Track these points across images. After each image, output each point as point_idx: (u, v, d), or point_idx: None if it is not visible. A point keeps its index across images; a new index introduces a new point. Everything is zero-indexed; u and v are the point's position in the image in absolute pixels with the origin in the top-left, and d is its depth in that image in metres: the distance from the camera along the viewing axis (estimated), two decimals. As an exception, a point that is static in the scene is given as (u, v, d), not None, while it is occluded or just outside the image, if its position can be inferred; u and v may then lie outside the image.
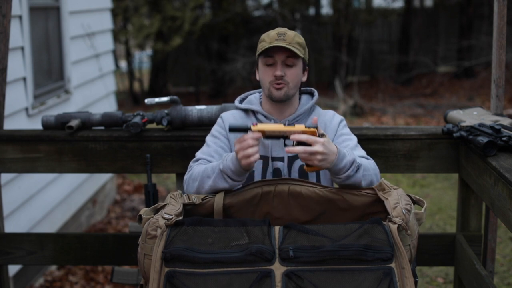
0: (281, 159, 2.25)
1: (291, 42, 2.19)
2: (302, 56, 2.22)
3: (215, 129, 2.37)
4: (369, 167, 2.16)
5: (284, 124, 2.21)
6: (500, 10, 2.59)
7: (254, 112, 2.34)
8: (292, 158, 2.26)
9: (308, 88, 2.42)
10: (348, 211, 2.11)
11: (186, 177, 2.24)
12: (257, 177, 2.26)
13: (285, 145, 2.08)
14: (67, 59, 5.01)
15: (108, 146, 2.80)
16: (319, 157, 2.00)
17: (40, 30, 4.61)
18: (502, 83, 2.65)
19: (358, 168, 2.09)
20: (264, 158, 2.26)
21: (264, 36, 2.25)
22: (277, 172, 2.26)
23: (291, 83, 2.23)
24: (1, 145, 2.82)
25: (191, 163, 2.28)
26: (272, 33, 2.23)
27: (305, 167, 2.09)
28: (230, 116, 2.37)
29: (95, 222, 5.42)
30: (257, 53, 2.27)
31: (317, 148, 1.99)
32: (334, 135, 2.29)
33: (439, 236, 2.94)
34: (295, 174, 2.25)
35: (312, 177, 2.25)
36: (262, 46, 2.22)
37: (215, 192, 2.15)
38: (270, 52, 2.20)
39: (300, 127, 2.05)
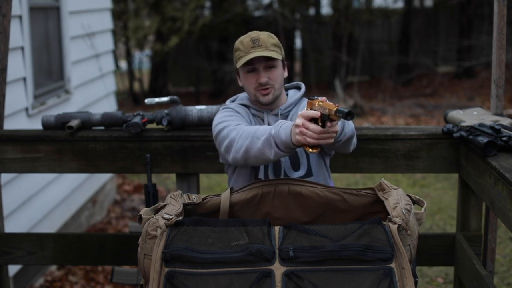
0: None
1: (267, 46, 2.20)
2: (280, 58, 2.23)
3: (223, 113, 2.30)
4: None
5: (277, 114, 2.27)
6: (500, 10, 2.59)
7: (247, 106, 2.37)
8: None
9: (294, 82, 2.46)
10: (348, 211, 2.11)
11: (232, 135, 2.13)
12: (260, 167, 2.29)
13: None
14: (67, 59, 5.01)
15: (108, 146, 2.80)
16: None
17: (40, 30, 4.61)
18: (502, 83, 2.65)
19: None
20: None
21: (238, 44, 2.25)
22: (276, 163, 2.28)
23: (276, 84, 2.26)
24: (1, 145, 2.82)
25: (218, 128, 2.21)
26: (245, 39, 2.23)
27: (310, 149, 1.96)
28: (232, 104, 2.39)
29: (95, 222, 5.42)
30: (235, 64, 2.27)
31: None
32: None
33: (439, 236, 2.94)
34: (286, 157, 2.28)
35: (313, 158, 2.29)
36: (239, 55, 2.23)
37: (260, 160, 2.07)
38: (249, 61, 2.21)
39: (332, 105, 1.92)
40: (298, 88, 2.45)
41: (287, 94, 2.40)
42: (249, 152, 2.07)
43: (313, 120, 1.91)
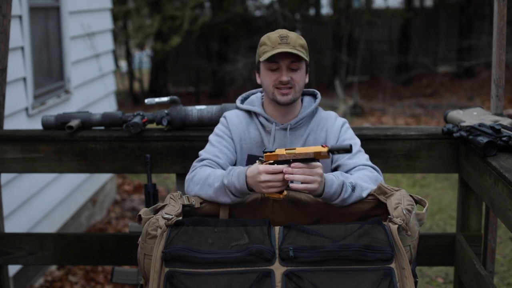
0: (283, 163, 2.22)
1: (294, 45, 2.13)
2: (306, 59, 2.17)
3: (219, 128, 2.32)
4: (368, 180, 2.10)
5: (286, 129, 2.20)
6: (500, 10, 2.59)
7: (256, 114, 2.30)
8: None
9: (310, 89, 2.37)
10: (349, 217, 2.09)
11: (188, 176, 2.20)
12: None
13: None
14: (67, 59, 5.00)
15: (108, 146, 2.80)
16: (318, 178, 1.95)
17: (40, 30, 4.61)
18: (502, 83, 2.65)
19: (354, 189, 2.03)
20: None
21: (265, 39, 2.18)
22: None
23: (297, 86, 2.18)
24: (1, 145, 2.82)
25: (194, 163, 2.24)
26: (274, 36, 2.16)
27: (280, 196, 2.00)
28: (234, 116, 2.33)
29: (95, 222, 5.42)
30: (259, 58, 2.19)
31: (318, 171, 1.94)
32: (336, 141, 2.25)
33: (439, 236, 2.94)
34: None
35: None
36: (264, 50, 2.16)
37: (215, 202, 2.12)
38: (274, 57, 2.14)
39: (311, 148, 1.94)
40: (314, 95, 2.36)
41: (301, 100, 2.32)
42: (201, 195, 2.14)
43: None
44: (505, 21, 2.60)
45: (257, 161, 2.03)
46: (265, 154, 2.01)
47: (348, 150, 1.91)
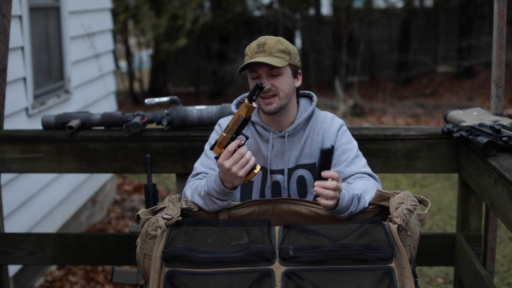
0: (281, 171, 2.18)
1: (271, 52, 2.07)
2: (283, 65, 2.07)
3: (213, 137, 2.26)
4: (369, 189, 2.08)
5: (284, 137, 2.17)
6: (500, 10, 2.59)
7: (252, 122, 2.23)
8: (291, 170, 2.19)
9: (306, 91, 2.30)
10: None
11: (182, 193, 2.19)
12: (255, 190, 2.20)
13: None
14: (67, 59, 5.01)
15: (108, 146, 2.80)
16: (338, 195, 1.93)
17: (40, 30, 4.61)
18: (502, 83, 2.65)
19: (359, 200, 2.00)
20: (263, 170, 2.19)
21: (246, 49, 2.15)
22: (276, 185, 2.19)
23: (281, 92, 2.10)
24: (1, 145, 2.82)
25: (189, 178, 2.21)
26: (253, 44, 2.12)
27: (255, 171, 1.99)
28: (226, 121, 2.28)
29: (95, 222, 5.42)
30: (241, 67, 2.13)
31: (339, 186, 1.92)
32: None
33: (439, 236, 2.94)
34: (293, 185, 2.19)
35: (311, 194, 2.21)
36: (245, 60, 2.12)
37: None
38: (252, 67, 2.09)
39: (237, 113, 1.97)
40: (310, 97, 2.29)
41: (298, 104, 2.25)
42: (195, 203, 2.10)
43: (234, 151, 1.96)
44: (505, 21, 2.60)
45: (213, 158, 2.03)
46: (213, 150, 2.02)
47: (260, 87, 1.92)
